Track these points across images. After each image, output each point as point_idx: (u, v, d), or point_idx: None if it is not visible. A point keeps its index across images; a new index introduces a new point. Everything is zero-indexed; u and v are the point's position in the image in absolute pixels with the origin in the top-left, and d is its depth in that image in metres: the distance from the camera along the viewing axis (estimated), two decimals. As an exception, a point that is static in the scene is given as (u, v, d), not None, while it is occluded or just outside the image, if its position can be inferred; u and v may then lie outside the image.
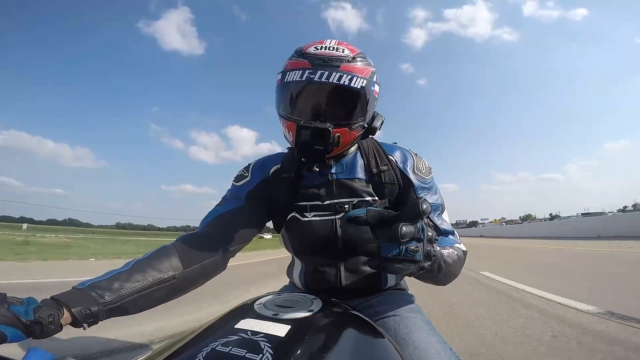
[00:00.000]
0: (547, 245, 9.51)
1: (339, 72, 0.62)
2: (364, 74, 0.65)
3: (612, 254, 5.87)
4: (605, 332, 1.83)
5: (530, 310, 2.42)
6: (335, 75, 0.62)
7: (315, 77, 0.62)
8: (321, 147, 0.62)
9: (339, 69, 0.63)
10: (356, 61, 0.66)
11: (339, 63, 0.63)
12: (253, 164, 0.79)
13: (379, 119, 0.72)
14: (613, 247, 7.06)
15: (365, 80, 0.65)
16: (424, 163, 0.77)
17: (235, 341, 0.39)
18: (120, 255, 8.18)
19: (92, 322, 0.51)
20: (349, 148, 0.73)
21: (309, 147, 0.63)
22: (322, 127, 0.61)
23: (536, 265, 5.29)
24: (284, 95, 0.68)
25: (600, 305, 2.33)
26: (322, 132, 0.61)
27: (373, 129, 0.71)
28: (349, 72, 0.63)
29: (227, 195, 0.76)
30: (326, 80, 0.62)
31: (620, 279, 3.33)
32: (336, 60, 0.64)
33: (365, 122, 0.69)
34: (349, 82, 0.62)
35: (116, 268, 0.57)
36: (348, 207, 0.71)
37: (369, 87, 0.66)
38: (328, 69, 0.62)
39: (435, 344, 0.60)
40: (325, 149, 0.63)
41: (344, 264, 0.73)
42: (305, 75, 0.63)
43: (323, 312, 0.52)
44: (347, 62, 0.64)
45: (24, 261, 6.25)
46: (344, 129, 0.66)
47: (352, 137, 0.68)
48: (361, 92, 0.65)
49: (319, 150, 0.63)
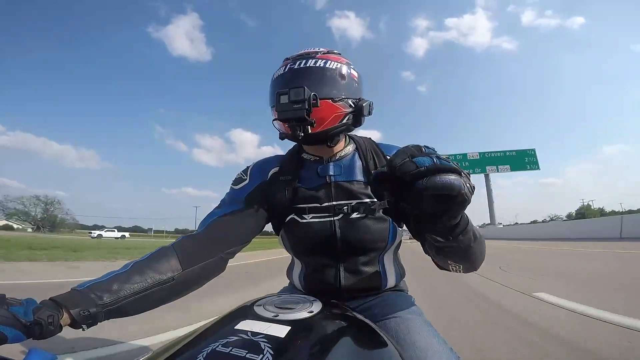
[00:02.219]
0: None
1: (315, 59, 0.70)
2: (338, 60, 0.72)
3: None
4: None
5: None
6: (311, 61, 0.70)
7: (294, 66, 0.70)
8: (299, 106, 0.63)
9: (315, 57, 0.71)
10: (330, 53, 0.73)
11: (315, 54, 0.72)
12: (251, 166, 0.80)
13: (366, 101, 0.74)
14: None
15: (340, 64, 0.72)
16: None
17: (235, 342, 0.39)
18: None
19: (91, 324, 0.51)
20: (341, 130, 0.72)
21: (287, 108, 0.64)
22: (297, 85, 0.64)
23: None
24: (271, 90, 0.73)
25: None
26: (298, 91, 0.63)
27: (360, 109, 0.71)
28: (324, 58, 0.71)
29: (226, 198, 0.76)
30: (303, 66, 0.69)
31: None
32: (312, 53, 0.72)
33: (349, 100, 0.71)
34: (324, 64, 0.70)
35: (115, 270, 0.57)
36: (347, 208, 0.71)
37: (345, 69, 0.72)
38: (305, 59, 0.71)
39: (436, 345, 0.60)
40: (304, 107, 0.63)
41: (344, 265, 0.73)
42: (287, 67, 0.71)
43: (323, 313, 0.52)
44: (323, 54, 0.72)
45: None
46: (326, 100, 0.67)
47: (339, 111, 0.69)
48: (337, 70, 0.71)
49: (298, 108, 0.63)
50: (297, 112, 0.63)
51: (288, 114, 0.64)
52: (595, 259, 5.39)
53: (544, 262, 5.63)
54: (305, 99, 0.62)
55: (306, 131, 0.66)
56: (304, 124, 0.65)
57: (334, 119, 0.69)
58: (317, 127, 0.67)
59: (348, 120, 0.71)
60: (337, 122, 0.69)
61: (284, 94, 0.64)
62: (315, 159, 0.77)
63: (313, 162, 0.77)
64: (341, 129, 0.71)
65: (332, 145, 0.74)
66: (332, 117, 0.68)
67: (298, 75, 0.69)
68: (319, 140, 0.72)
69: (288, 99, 0.63)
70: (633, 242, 8.45)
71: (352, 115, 0.71)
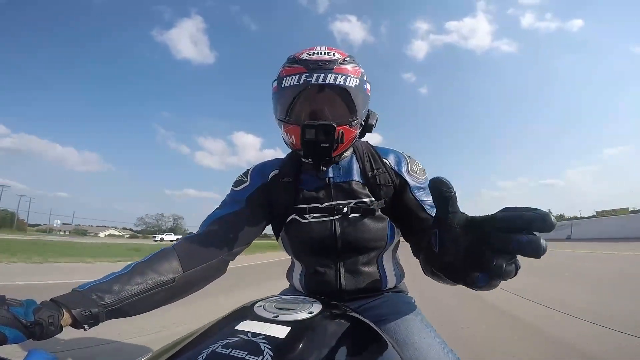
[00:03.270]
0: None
1: (334, 74, 0.65)
2: (355, 74, 0.68)
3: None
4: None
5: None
6: (331, 77, 0.65)
7: (312, 79, 0.64)
8: (327, 144, 0.63)
9: (333, 70, 0.65)
10: (347, 63, 0.69)
11: (332, 65, 0.66)
12: (251, 169, 0.80)
13: (374, 117, 0.75)
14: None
15: (358, 79, 0.68)
16: (418, 164, 0.78)
17: (235, 343, 0.39)
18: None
19: (92, 324, 0.51)
20: (347, 149, 0.75)
21: (314, 145, 0.64)
22: (326, 123, 0.63)
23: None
24: (283, 100, 0.69)
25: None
26: (326, 129, 0.62)
27: (369, 127, 0.74)
28: (342, 73, 0.66)
29: (227, 200, 0.76)
30: (323, 81, 0.64)
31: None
32: (329, 63, 0.66)
33: (361, 120, 0.71)
34: (344, 81, 0.65)
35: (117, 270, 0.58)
36: (346, 208, 0.71)
37: (361, 86, 0.69)
38: (323, 72, 0.65)
39: (436, 346, 0.60)
40: (331, 146, 0.63)
41: (344, 266, 0.73)
42: (303, 79, 0.65)
43: (323, 314, 0.52)
44: (340, 64, 0.67)
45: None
46: (345, 126, 0.67)
47: (352, 134, 0.70)
48: (356, 90, 0.68)
49: (325, 147, 0.63)
50: (326, 151, 0.64)
51: (315, 154, 0.66)
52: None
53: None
54: (334, 139, 0.63)
55: (327, 163, 0.70)
56: (327, 159, 0.68)
57: (347, 143, 0.70)
58: (335, 152, 0.69)
59: (356, 137, 0.74)
60: (350, 144, 0.72)
61: (309, 127, 0.63)
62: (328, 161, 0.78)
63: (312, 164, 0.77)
64: (349, 148, 0.75)
65: (337, 160, 0.76)
66: (347, 140, 0.69)
67: (319, 95, 0.67)
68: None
69: (314, 135, 0.62)
70: (576, 242, 11.90)
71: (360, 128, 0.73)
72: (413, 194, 0.72)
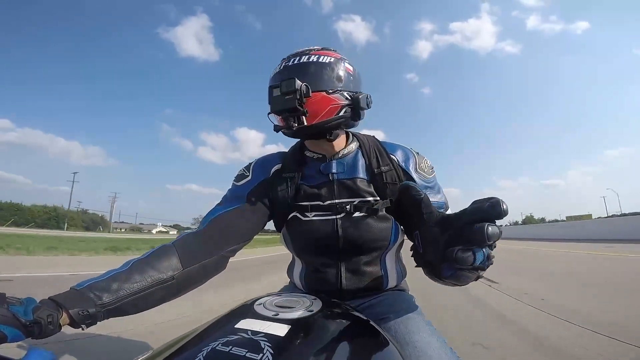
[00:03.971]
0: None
1: (309, 55, 0.71)
2: (332, 55, 0.72)
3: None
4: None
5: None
6: (304, 57, 0.70)
7: (288, 63, 0.70)
8: (290, 97, 0.63)
9: (309, 54, 0.71)
10: (325, 50, 0.73)
11: (309, 52, 0.72)
12: (253, 163, 0.79)
13: (362, 94, 0.72)
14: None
15: (333, 58, 0.72)
16: (426, 162, 0.77)
17: (235, 341, 0.39)
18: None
19: (90, 323, 0.50)
20: (338, 123, 0.71)
21: (280, 100, 0.64)
22: (288, 77, 0.64)
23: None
24: (269, 90, 0.71)
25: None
26: (288, 83, 0.63)
27: (357, 101, 0.71)
28: (318, 54, 0.71)
29: (228, 195, 0.75)
30: (297, 62, 0.70)
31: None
32: (307, 51, 0.72)
33: (345, 93, 0.70)
34: (316, 59, 0.70)
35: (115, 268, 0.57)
36: (349, 207, 0.70)
37: (338, 62, 0.72)
38: (299, 56, 0.71)
39: (436, 345, 0.60)
40: (295, 97, 0.63)
41: (345, 264, 0.73)
42: (282, 65, 0.71)
43: (323, 312, 0.52)
44: (316, 51, 0.72)
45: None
46: (320, 92, 0.67)
47: (334, 102, 0.68)
48: (330, 64, 0.71)
49: (290, 99, 0.63)
50: (289, 102, 0.63)
51: (280, 105, 0.64)
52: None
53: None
54: (297, 89, 0.62)
55: (300, 122, 0.65)
56: (296, 114, 0.65)
57: (329, 111, 0.68)
58: (312, 119, 0.66)
59: (346, 113, 0.70)
60: (333, 114, 0.69)
61: (276, 87, 0.64)
62: (318, 156, 0.76)
63: (316, 159, 0.76)
64: (339, 122, 0.70)
65: (331, 139, 0.73)
66: (328, 109, 0.68)
67: (291, 71, 0.69)
68: (316, 134, 0.71)
69: (280, 91, 0.63)
70: (548, 241, 13.94)
71: (350, 108, 0.71)
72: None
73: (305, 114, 0.65)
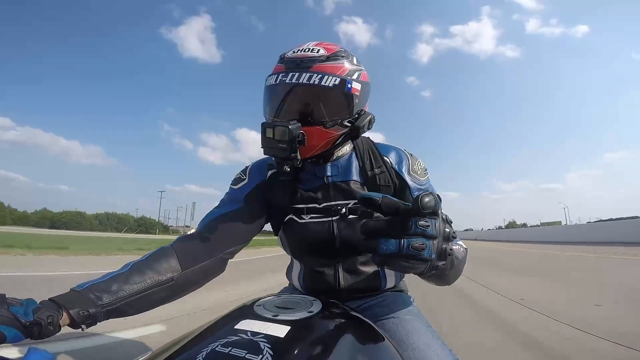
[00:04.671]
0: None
1: (309, 73, 0.63)
2: (338, 72, 0.65)
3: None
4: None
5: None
6: (305, 76, 0.62)
7: (286, 79, 0.63)
8: (284, 146, 0.61)
9: (309, 69, 0.63)
10: (331, 60, 0.66)
11: (311, 64, 0.64)
12: (250, 166, 0.79)
13: (366, 117, 0.70)
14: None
15: (339, 78, 0.64)
16: (420, 164, 0.77)
17: (235, 342, 0.39)
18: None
19: (90, 324, 0.50)
20: (336, 147, 0.71)
21: (272, 145, 0.62)
22: (282, 125, 0.61)
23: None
24: (264, 99, 0.70)
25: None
26: (282, 131, 0.60)
27: (357, 128, 0.68)
28: (320, 72, 0.63)
29: (226, 198, 0.76)
30: (297, 81, 0.62)
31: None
32: (308, 61, 0.64)
33: (345, 120, 0.67)
34: (319, 81, 0.62)
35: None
36: (344, 209, 0.71)
37: (343, 85, 0.65)
38: (299, 71, 0.63)
39: (435, 346, 0.60)
40: (289, 148, 0.61)
41: (342, 265, 0.73)
42: (279, 79, 0.64)
43: (322, 313, 0.52)
44: (320, 62, 0.64)
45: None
46: (317, 127, 0.65)
47: (331, 136, 0.67)
48: (333, 89, 0.64)
49: (283, 148, 0.61)
50: (282, 152, 0.61)
51: (272, 151, 0.63)
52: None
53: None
54: (289, 140, 0.60)
55: (293, 166, 0.65)
56: (289, 162, 0.64)
57: (325, 144, 0.67)
58: (306, 154, 0.66)
59: (343, 139, 0.70)
60: (329, 146, 0.68)
61: (269, 127, 0.61)
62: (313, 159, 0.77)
63: (310, 163, 0.76)
64: (334, 149, 0.71)
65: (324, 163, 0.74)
66: (323, 143, 0.67)
67: (289, 96, 0.66)
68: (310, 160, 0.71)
69: (272, 134, 0.61)
70: (530, 243, 15.82)
71: (348, 132, 0.69)
72: (412, 197, 0.71)
73: (298, 163, 0.65)
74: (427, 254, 0.37)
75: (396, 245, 0.36)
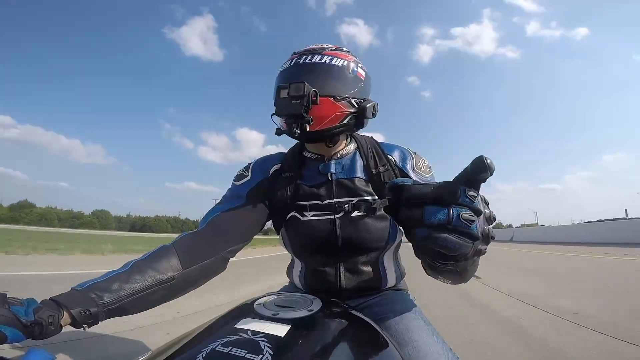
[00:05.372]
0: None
1: (322, 55, 0.70)
2: (345, 57, 0.71)
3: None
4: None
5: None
6: (317, 57, 0.69)
7: (300, 60, 0.70)
8: (297, 101, 0.62)
9: (322, 53, 0.70)
10: (338, 51, 0.72)
11: (322, 51, 0.71)
12: (253, 163, 0.79)
13: (370, 106, 0.71)
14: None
15: (346, 61, 0.71)
16: (423, 161, 0.77)
17: (235, 341, 0.39)
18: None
19: (92, 323, 0.50)
20: (341, 130, 0.70)
21: (286, 103, 0.63)
22: (298, 81, 0.63)
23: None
24: (276, 83, 0.71)
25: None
26: (297, 86, 0.62)
27: (363, 110, 0.70)
28: (330, 55, 0.70)
29: (228, 195, 0.76)
30: (309, 61, 0.69)
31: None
32: (319, 49, 0.71)
33: (352, 100, 0.69)
34: (329, 60, 0.69)
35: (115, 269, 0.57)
36: (348, 206, 0.71)
37: (350, 66, 0.71)
38: (312, 54, 0.70)
39: (435, 345, 0.60)
40: (303, 102, 0.62)
41: (344, 264, 0.73)
42: (293, 61, 0.71)
43: (323, 312, 0.52)
44: (330, 51, 0.71)
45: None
46: (328, 97, 0.66)
47: (339, 110, 0.67)
48: (342, 67, 0.69)
49: (297, 104, 0.62)
50: (295, 107, 0.62)
51: (286, 109, 0.64)
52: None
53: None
54: (305, 94, 0.61)
55: (303, 129, 0.64)
56: (301, 121, 0.64)
57: (333, 118, 0.67)
58: (315, 125, 0.66)
59: (350, 120, 0.70)
60: (337, 121, 0.68)
61: (284, 88, 0.63)
62: (317, 157, 0.77)
63: (314, 160, 0.76)
64: (341, 130, 0.70)
65: (330, 145, 0.74)
66: (332, 116, 0.67)
67: (302, 70, 0.68)
68: (316, 139, 0.71)
69: (287, 93, 0.63)
70: (516, 243, 16.05)
71: (354, 116, 0.70)
72: None
73: (310, 122, 0.64)
74: (475, 230, 0.32)
75: (445, 214, 0.32)
